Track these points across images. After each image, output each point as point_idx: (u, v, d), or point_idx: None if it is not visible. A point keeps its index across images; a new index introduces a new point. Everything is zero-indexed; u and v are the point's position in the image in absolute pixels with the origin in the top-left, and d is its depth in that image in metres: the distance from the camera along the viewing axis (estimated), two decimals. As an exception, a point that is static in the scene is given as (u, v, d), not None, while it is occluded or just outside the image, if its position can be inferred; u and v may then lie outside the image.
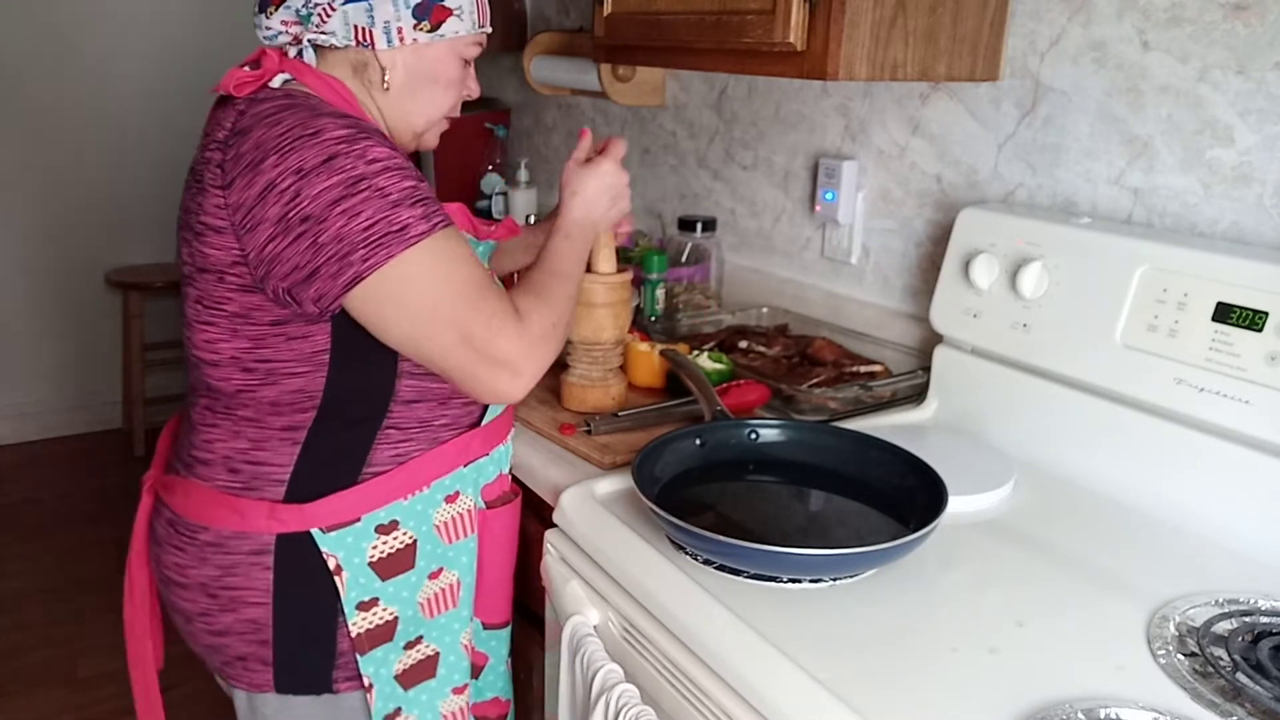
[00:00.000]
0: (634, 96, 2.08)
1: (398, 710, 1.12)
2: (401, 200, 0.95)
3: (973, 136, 1.45)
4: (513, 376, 1.01)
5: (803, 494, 1.14)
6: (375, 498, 1.07)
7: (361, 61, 1.07)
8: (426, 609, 1.12)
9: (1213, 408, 1.06)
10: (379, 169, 0.94)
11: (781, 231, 1.84)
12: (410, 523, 1.09)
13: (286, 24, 1.04)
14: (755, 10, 1.24)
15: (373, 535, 1.07)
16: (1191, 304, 1.09)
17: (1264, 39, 1.10)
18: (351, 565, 1.06)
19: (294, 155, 0.93)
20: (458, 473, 1.13)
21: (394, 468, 1.07)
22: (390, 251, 0.94)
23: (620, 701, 0.93)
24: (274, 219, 0.94)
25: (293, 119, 0.96)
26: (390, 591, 1.09)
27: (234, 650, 1.09)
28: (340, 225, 0.93)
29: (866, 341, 1.59)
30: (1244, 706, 0.78)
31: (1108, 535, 1.07)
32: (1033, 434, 1.24)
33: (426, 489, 1.10)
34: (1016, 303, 1.25)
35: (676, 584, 0.95)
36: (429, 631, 1.13)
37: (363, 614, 1.07)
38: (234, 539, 1.05)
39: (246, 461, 1.05)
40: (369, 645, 1.08)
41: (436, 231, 0.96)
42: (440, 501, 1.12)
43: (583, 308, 1.35)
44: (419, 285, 0.96)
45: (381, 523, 1.07)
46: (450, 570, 1.14)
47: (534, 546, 1.21)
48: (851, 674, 0.82)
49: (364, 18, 1.03)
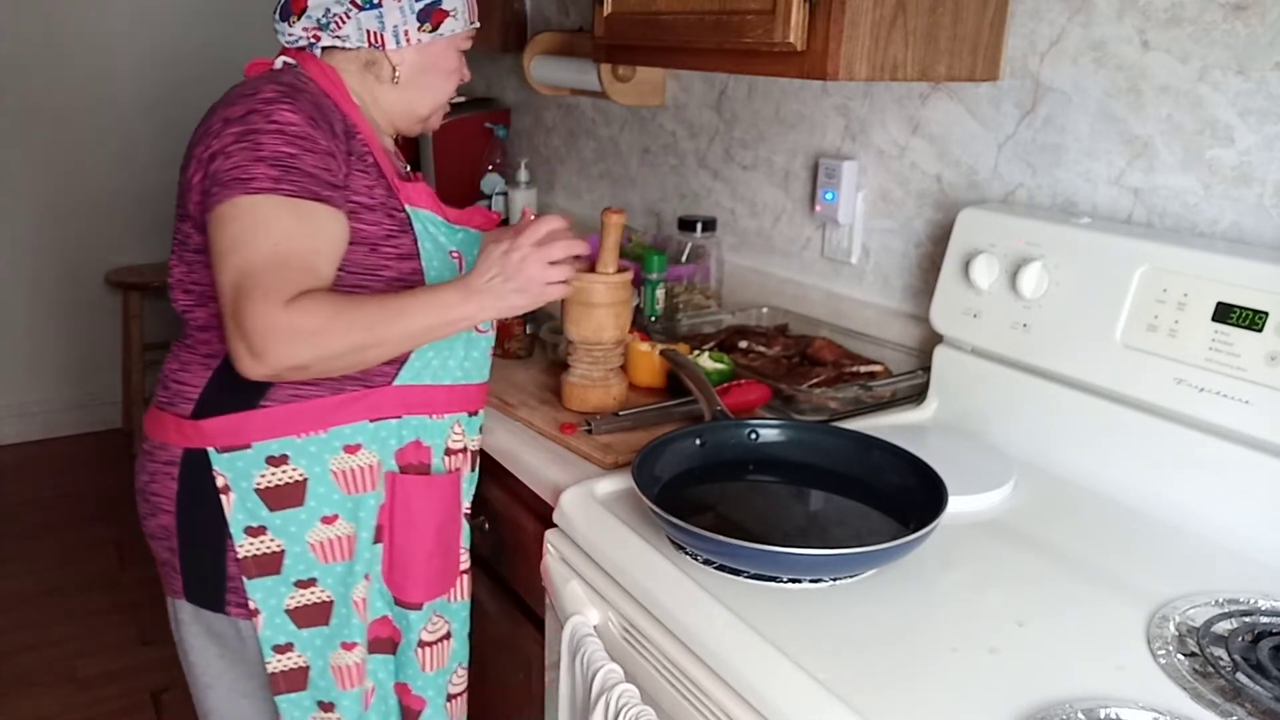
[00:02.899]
0: (634, 96, 2.08)
1: (290, 644, 1.18)
2: (266, 158, 1.05)
3: (973, 136, 1.45)
4: (251, 355, 1.01)
5: (803, 494, 1.14)
6: (267, 427, 1.14)
7: (372, 60, 1.21)
8: (319, 552, 1.17)
9: (1213, 408, 1.06)
10: (273, 130, 1.06)
11: (781, 231, 1.84)
12: (302, 461, 1.15)
13: (308, 30, 1.19)
14: (755, 10, 1.24)
15: (262, 464, 1.14)
16: (1191, 304, 1.09)
17: (1264, 39, 1.10)
18: (239, 488, 1.14)
19: (230, 108, 1.10)
20: (361, 425, 1.17)
21: (290, 404, 1.14)
22: (229, 193, 1.04)
23: (620, 701, 0.93)
24: (199, 156, 1.10)
25: (251, 85, 1.12)
26: (278, 523, 1.15)
27: (158, 554, 1.23)
28: (220, 164, 1.06)
29: (866, 341, 1.59)
30: (1244, 706, 0.78)
31: (1108, 535, 1.07)
32: (1033, 434, 1.24)
33: (323, 432, 1.15)
34: (1016, 303, 1.25)
35: (676, 584, 0.95)
36: (323, 577, 1.18)
37: (250, 539, 1.15)
38: (158, 449, 1.19)
39: (173, 380, 1.19)
40: (256, 571, 1.16)
41: (278, 194, 1.04)
42: (338, 449, 1.17)
43: (583, 308, 1.36)
44: (231, 229, 1.04)
45: (272, 454, 1.14)
46: (347, 521, 1.18)
47: (534, 546, 1.21)
48: (851, 674, 0.82)
49: (375, 23, 1.18)
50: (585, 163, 2.45)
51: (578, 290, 1.35)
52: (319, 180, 1.07)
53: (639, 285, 1.73)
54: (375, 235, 1.15)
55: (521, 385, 1.51)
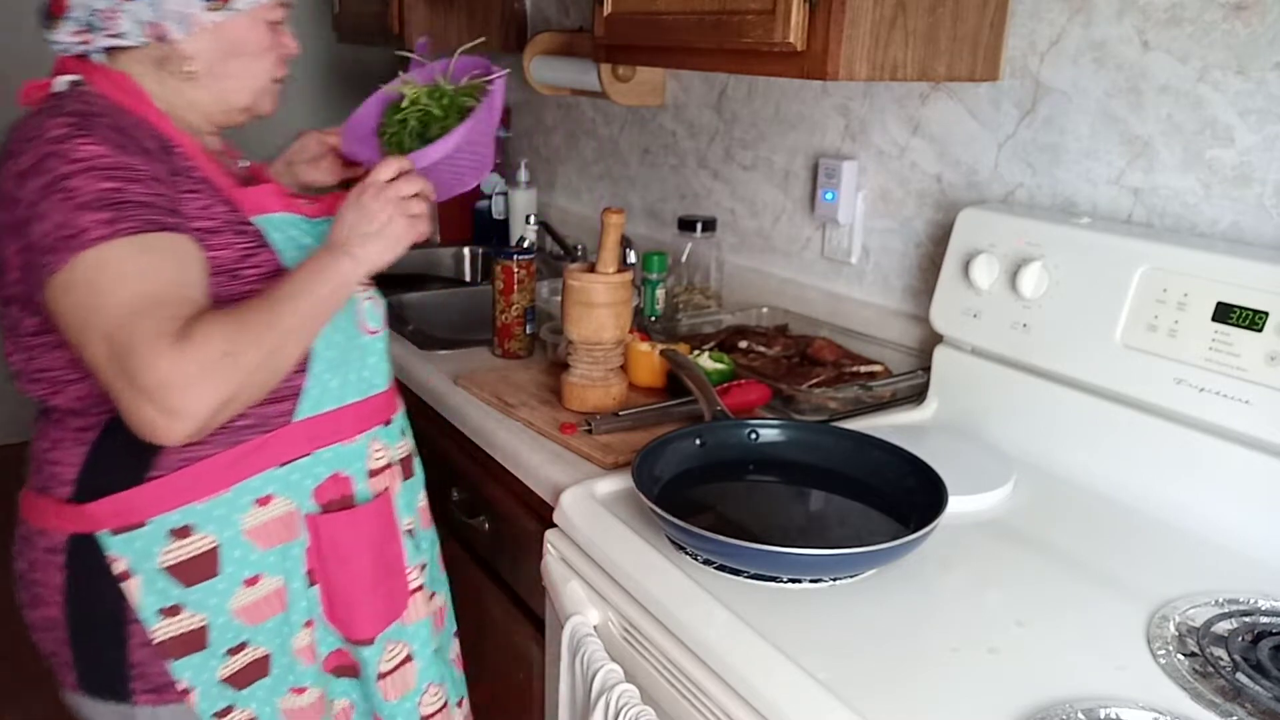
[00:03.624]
0: (634, 96, 2.08)
1: (228, 708, 1.09)
2: (89, 203, 0.91)
3: (973, 136, 1.45)
4: (166, 416, 0.89)
5: (803, 494, 1.14)
6: (163, 500, 1.03)
7: (163, 56, 1.05)
8: (247, 616, 1.08)
9: (1213, 408, 1.06)
10: (81, 169, 0.92)
11: (781, 231, 1.84)
12: (210, 527, 1.04)
13: (77, 34, 1.03)
14: (755, 10, 1.24)
15: (165, 539, 1.03)
16: (1191, 304, 1.09)
17: (1264, 39, 1.10)
18: (143, 570, 1.03)
19: (16, 161, 0.94)
20: (269, 474, 1.07)
21: (183, 468, 1.03)
22: (60, 258, 0.91)
23: (620, 701, 0.93)
24: (5, 225, 0.96)
25: (32, 124, 0.96)
26: (195, 598, 1.05)
27: (45, 646, 1.10)
28: (37, 229, 0.92)
29: (866, 341, 1.59)
30: (1244, 706, 0.78)
31: (1108, 535, 1.07)
32: (1033, 434, 1.24)
33: (227, 491, 1.05)
34: (1016, 303, 1.25)
35: (676, 584, 0.95)
36: (255, 636, 1.09)
37: (167, 620, 1.04)
38: (37, 535, 1.07)
39: (46, 461, 1.06)
40: (180, 651, 1.05)
41: (119, 237, 0.91)
42: (248, 505, 1.06)
43: (583, 308, 1.36)
44: (77, 296, 0.91)
45: (174, 526, 1.03)
46: (271, 576, 1.09)
47: (534, 546, 1.21)
48: (851, 674, 0.82)
49: (149, 12, 1.02)
50: (585, 163, 2.45)
51: (578, 290, 1.36)
52: (156, 209, 0.95)
53: (639, 285, 1.73)
54: (230, 260, 1.02)
55: (521, 385, 1.51)
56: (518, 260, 1.64)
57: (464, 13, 2.46)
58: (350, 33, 2.77)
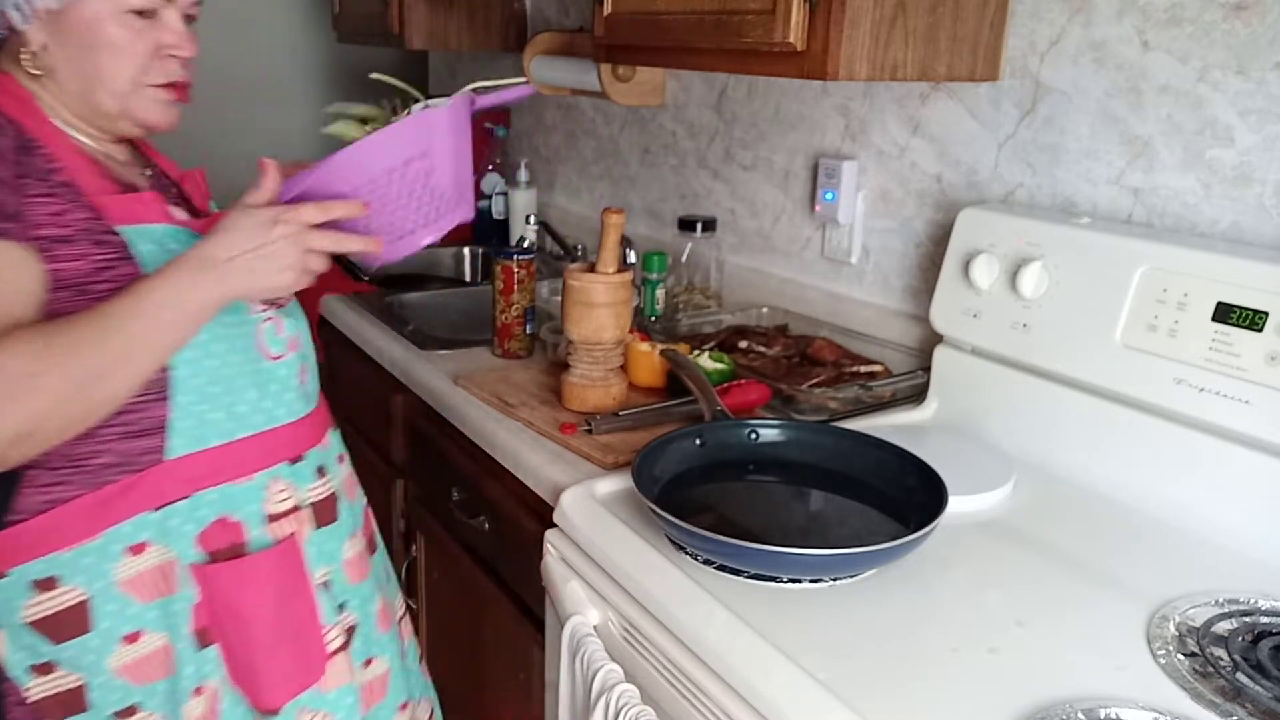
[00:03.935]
0: (634, 96, 2.08)
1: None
2: None
3: (973, 136, 1.45)
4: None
5: (803, 494, 1.14)
6: (22, 547, 0.93)
7: (15, 49, 0.96)
8: (131, 674, 0.98)
9: (1213, 408, 1.06)
10: None
11: (781, 231, 1.84)
12: (78, 579, 0.94)
13: None
14: (755, 10, 1.24)
15: (28, 591, 0.94)
16: (1191, 304, 1.09)
17: (1264, 39, 1.10)
18: (7, 624, 0.95)
19: None
20: (142, 519, 0.96)
21: (44, 512, 0.92)
22: None
23: (620, 701, 0.93)
24: None
25: None
26: (69, 656, 0.95)
27: None
28: None
29: (866, 341, 1.59)
30: (1244, 706, 0.78)
31: (1108, 535, 1.07)
32: (1033, 434, 1.24)
33: (95, 539, 0.94)
34: (1016, 303, 1.25)
35: (676, 584, 0.95)
36: (146, 700, 0.99)
37: (40, 679, 0.96)
38: None
39: None
40: (59, 713, 0.97)
41: None
42: (120, 554, 0.95)
43: (583, 308, 1.36)
44: None
45: (37, 577, 0.93)
46: (154, 632, 0.98)
47: (534, 546, 1.21)
48: (851, 674, 0.82)
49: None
50: (585, 163, 2.45)
51: (578, 290, 1.36)
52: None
53: (639, 285, 1.73)
54: (81, 272, 0.90)
55: (521, 385, 1.51)
56: (518, 260, 1.64)
57: (464, 13, 2.46)
58: (350, 33, 2.76)
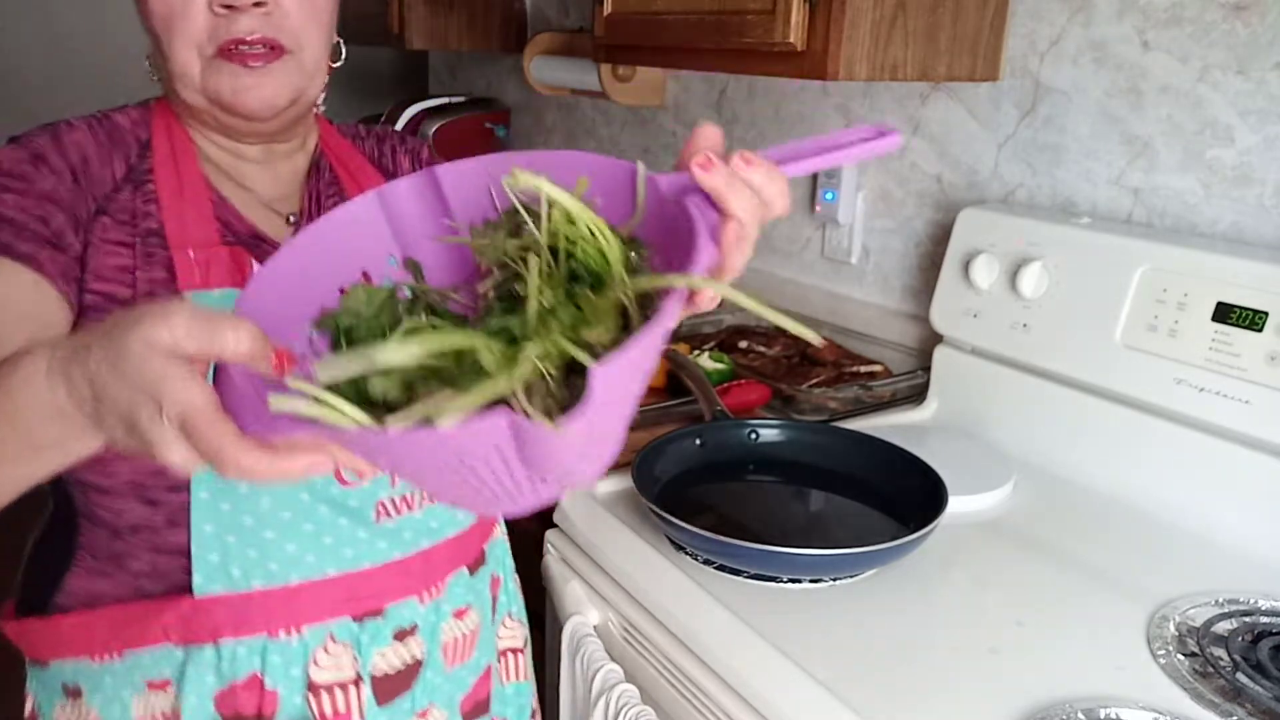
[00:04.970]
0: (634, 96, 2.08)
1: None
2: None
3: (973, 136, 1.45)
4: None
5: (803, 494, 1.14)
6: (62, 641, 0.79)
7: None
8: None
9: (1213, 408, 1.06)
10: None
11: (781, 231, 1.84)
12: (96, 699, 0.78)
13: None
14: (755, 10, 1.24)
15: (60, 694, 0.80)
16: (1191, 304, 1.09)
17: (1264, 39, 1.10)
18: (46, 717, 0.83)
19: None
20: (166, 651, 0.76)
21: (86, 610, 0.78)
22: None
23: (620, 701, 0.93)
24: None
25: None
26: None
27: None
28: None
29: (866, 341, 1.59)
30: (1244, 706, 0.78)
31: (1108, 535, 1.07)
32: (1033, 434, 1.24)
33: (120, 658, 0.77)
34: (1016, 303, 1.25)
35: (676, 584, 0.95)
36: None
37: None
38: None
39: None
40: None
41: None
42: (140, 684, 0.77)
43: (583, 308, 1.35)
44: None
45: (67, 682, 0.79)
46: None
47: (534, 546, 1.21)
48: (851, 674, 0.82)
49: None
50: (585, 163, 2.44)
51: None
52: (15, 226, 0.71)
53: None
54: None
55: (521, 385, 1.51)
56: (518, 260, 1.63)
57: (464, 13, 2.46)
58: (350, 33, 2.77)
